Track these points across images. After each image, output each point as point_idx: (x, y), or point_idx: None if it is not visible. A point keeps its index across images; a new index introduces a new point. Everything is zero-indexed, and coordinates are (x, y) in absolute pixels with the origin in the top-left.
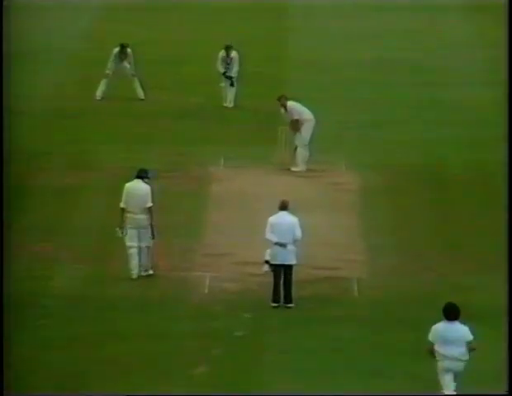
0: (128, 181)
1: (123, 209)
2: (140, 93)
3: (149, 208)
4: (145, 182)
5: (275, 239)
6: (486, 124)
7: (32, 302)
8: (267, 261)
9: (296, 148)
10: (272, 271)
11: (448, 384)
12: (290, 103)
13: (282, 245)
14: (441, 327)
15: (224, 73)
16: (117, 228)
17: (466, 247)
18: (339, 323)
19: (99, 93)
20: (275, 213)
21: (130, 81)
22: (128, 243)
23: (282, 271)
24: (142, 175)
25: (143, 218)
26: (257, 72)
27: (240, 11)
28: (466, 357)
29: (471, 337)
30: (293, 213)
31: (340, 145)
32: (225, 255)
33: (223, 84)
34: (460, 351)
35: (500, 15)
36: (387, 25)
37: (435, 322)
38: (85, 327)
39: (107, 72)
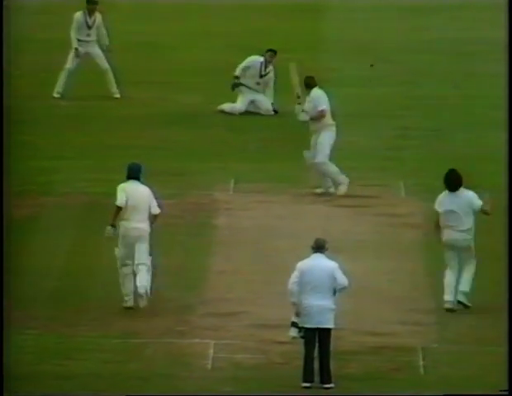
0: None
1: (119, 208)
2: (114, 89)
3: (156, 216)
4: (142, 183)
5: (295, 298)
6: None
7: None
8: (294, 324)
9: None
10: (302, 337)
11: (450, 262)
12: (317, 90)
13: (316, 301)
14: (444, 198)
15: (257, 83)
16: (108, 227)
17: None
18: None
19: (58, 88)
20: (307, 256)
21: (101, 71)
22: (120, 262)
23: (316, 338)
24: (136, 175)
25: (143, 228)
26: (285, 58)
27: None
28: (471, 228)
29: (479, 203)
30: (332, 258)
31: (398, 161)
32: (235, 314)
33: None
34: (463, 222)
35: None
36: None
37: None
38: None
39: (75, 47)
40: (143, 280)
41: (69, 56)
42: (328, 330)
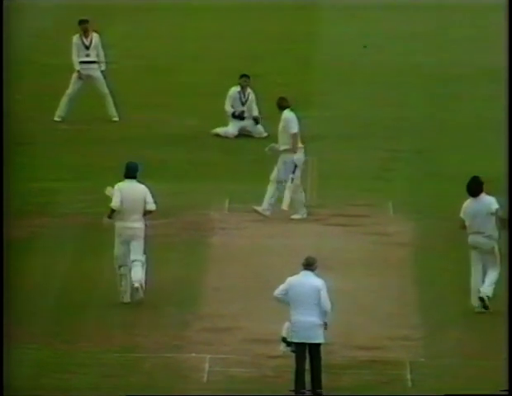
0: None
1: (113, 211)
2: (113, 113)
3: (150, 212)
4: (139, 181)
5: (293, 308)
6: None
7: None
8: (284, 339)
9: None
10: (293, 351)
11: (475, 264)
12: (289, 112)
13: (303, 317)
14: (467, 205)
15: (234, 115)
16: (105, 217)
17: None
18: None
19: (60, 112)
20: (297, 273)
21: (101, 95)
22: (118, 262)
23: (307, 353)
24: (133, 174)
25: (139, 227)
26: (279, 84)
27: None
28: (493, 232)
29: (495, 207)
30: (323, 275)
31: (387, 182)
32: (230, 330)
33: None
34: (486, 226)
35: None
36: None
37: None
38: None
39: (77, 69)
40: (137, 275)
41: (71, 81)
42: (317, 344)
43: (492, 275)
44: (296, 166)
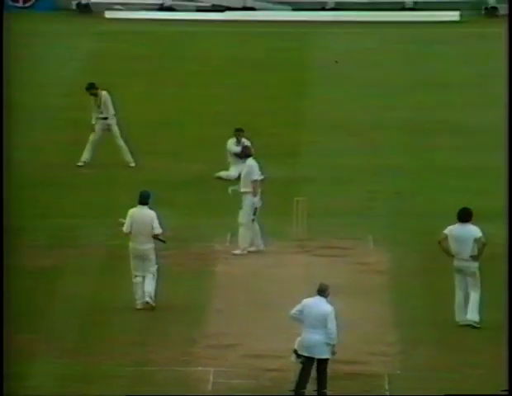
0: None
1: (126, 234)
2: (129, 159)
3: (157, 235)
4: (150, 208)
5: (305, 327)
6: None
7: None
8: (295, 351)
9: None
10: (301, 362)
11: (459, 284)
12: (251, 160)
13: (312, 335)
14: (455, 228)
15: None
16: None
17: None
18: None
19: (83, 158)
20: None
21: (117, 147)
22: (133, 272)
23: (314, 366)
24: (145, 201)
25: (148, 247)
26: (272, 133)
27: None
28: (474, 257)
29: (479, 235)
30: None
31: (368, 219)
32: (232, 346)
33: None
34: (469, 250)
35: None
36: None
37: None
38: None
39: (92, 123)
40: (148, 287)
41: (92, 133)
42: (324, 360)
43: (474, 300)
44: (256, 208)
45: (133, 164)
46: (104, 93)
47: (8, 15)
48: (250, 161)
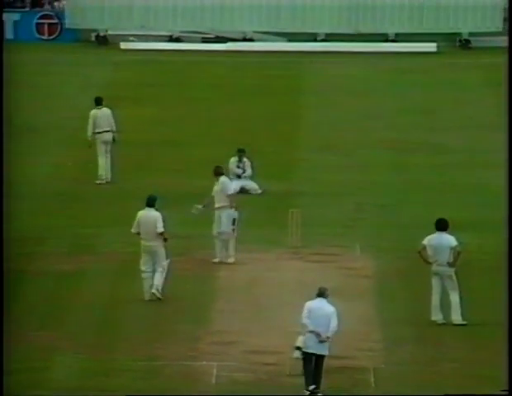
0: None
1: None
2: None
3: (161, 233)
4: (156, 210)
5: (311, 327)
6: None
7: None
8: (298, 348)
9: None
10: (303, 359)
11: (436, 288)
12: (224, 177)
13: (317, 334)
14: (433, 237)
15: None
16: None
17: (488, 334)
18: None
19: (100, 174)
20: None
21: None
22: (141, 268)
23: (314, 361)
24: (152, 203)
25: (156, 244)
26: (269, 152)
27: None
28: (451, 260)
29: (454, 243)
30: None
31: (355, 228)
32: (234, 343)
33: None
34: (446, 257)
35: None
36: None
37: None
38: None
39: (89, 138)
40: (156, 280)
41: (98, 151)
42: (322, 356)
43: (455, 302)
44: (234, 219)
45: (108, 181)
46: (107, 110)
47: (35, 46)
48: (223, 178)
